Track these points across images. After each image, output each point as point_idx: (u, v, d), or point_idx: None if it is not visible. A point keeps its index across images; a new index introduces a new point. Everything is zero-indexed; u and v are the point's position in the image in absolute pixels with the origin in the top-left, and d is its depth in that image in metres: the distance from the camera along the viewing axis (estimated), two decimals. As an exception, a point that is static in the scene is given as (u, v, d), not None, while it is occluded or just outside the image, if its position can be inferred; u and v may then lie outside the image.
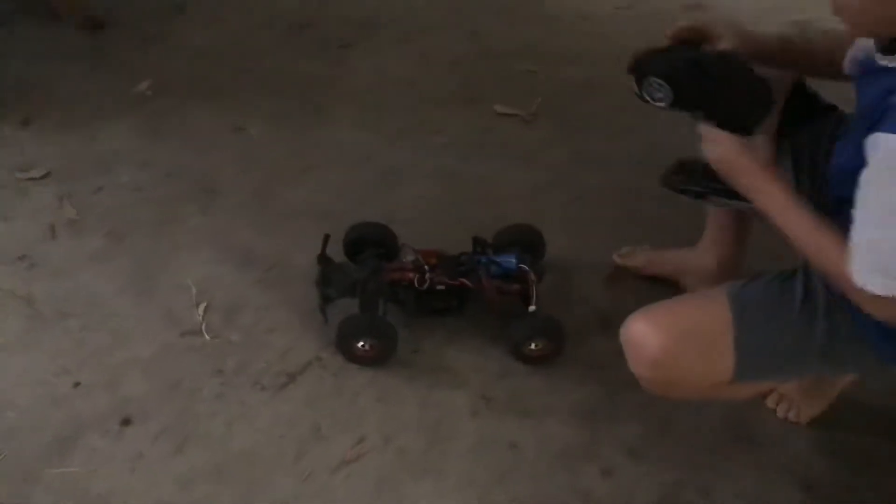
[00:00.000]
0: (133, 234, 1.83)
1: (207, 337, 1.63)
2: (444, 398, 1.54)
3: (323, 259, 1.64)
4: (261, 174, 2.03)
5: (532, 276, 1.62)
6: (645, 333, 1.23)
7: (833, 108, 1.41)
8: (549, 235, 1.76)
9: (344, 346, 1.58)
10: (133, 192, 1.93)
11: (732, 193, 1.22)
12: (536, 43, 2.57)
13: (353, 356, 1.58)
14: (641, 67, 1.26)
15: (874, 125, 1.01)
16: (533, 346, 1.58)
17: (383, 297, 1.62)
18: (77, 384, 1.52)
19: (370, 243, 1.70)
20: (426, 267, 1.60)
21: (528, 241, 1.73)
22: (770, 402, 1.53)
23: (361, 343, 1.56)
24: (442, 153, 2.15)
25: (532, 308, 1.60)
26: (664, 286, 1.72)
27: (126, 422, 1.47)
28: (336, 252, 1.68)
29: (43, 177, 1.94)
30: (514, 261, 1.63)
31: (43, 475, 1.38)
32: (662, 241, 1.79)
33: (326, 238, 1.67)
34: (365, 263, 1.65)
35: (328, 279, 1.62)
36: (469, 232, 1.72)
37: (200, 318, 1.66)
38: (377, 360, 1.59)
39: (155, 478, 1.40)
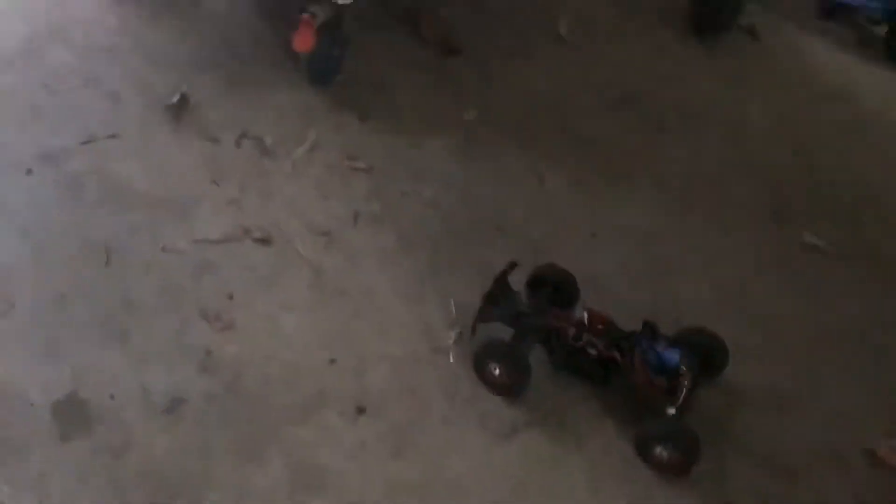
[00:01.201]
0: (422, 243, 1.96)
1: (452, 359, 1.71)
2: (659, 510, 1.49)
3: (500, 281, 1.71)
4: (546, 226, 2.09)
5: (686, 379, 1.55)
6: None
7: None
8: (824, 392, 1.63)
9: (479, 363, 1.64)
10: (432, 206, 2.07)
11: None
12: (871, 174, 2.40)
13: (483, 376, 1.63)
14: None
15: None
16: (658, 450, 1.52)
17: (538, 338, 1.66)
18: (333, 361, 1.66)
19: (551, 285, 1.76)
20: (587, 326, 1.61)
21: (708, 349, 1.66)
22: None
23: (495, 367, 1.61)
24: (729, 261, 2.08)
25: (671, 411, 1.53)
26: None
27: (361, 410, 1.59)
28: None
29: (365, 169, 2.15)
30: (675, 357, 1.58)
31: (281, 430, 1.52)
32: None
33: (512, 264, 1.74)
34: (536, 301, 1.71)
35: (496, 300, 1.68)
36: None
37: (452, 340, 1.74)
38: (505, 389, 1.62)
39: (369, 471, 1.50)
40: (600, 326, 1.65)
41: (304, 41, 2.24)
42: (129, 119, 2.14)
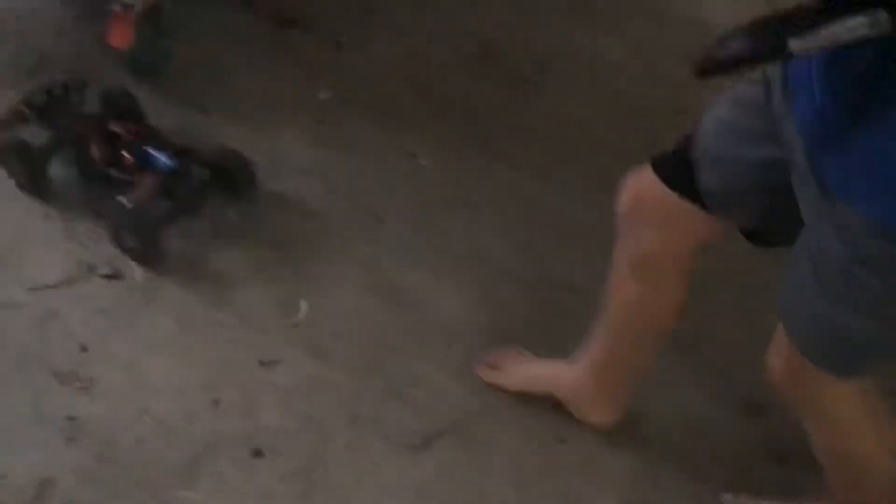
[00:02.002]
0: (295, 247, 1.79)
1: (348, 377, 1.58)
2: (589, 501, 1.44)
3: (56, 86, 1.78)
4: (424, 206, 1.97)
5: (151, 178, 1.67)
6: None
7: None
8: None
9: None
10: (296, 206, 1.90)
11: None
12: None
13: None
14: None
15: None
16: (126, 237, 1.64)
17: (64, 143, 1.73)
18: (216, 402, 1.50)
19: (117, 104, 1.84)
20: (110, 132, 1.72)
21: (228, 168, 1.81)
22: None
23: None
24: (607, 214, 2.03)
25: (126, 202, 1.63)
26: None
27: (257, 453, 1.44)
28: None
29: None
30: (164, 158, 1.69)
31: (168, 495, 1.36)
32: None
33: (73, 79, 1.81)
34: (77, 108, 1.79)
35: (42, 105, 1.74)
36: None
37: (344, 353, 1.61)
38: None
39: (278, 521, 1.36)
40: (122, 133, 1.72)
41: (121, 36, 1.97)
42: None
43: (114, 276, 1.65)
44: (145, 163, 1.70)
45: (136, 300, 1.63)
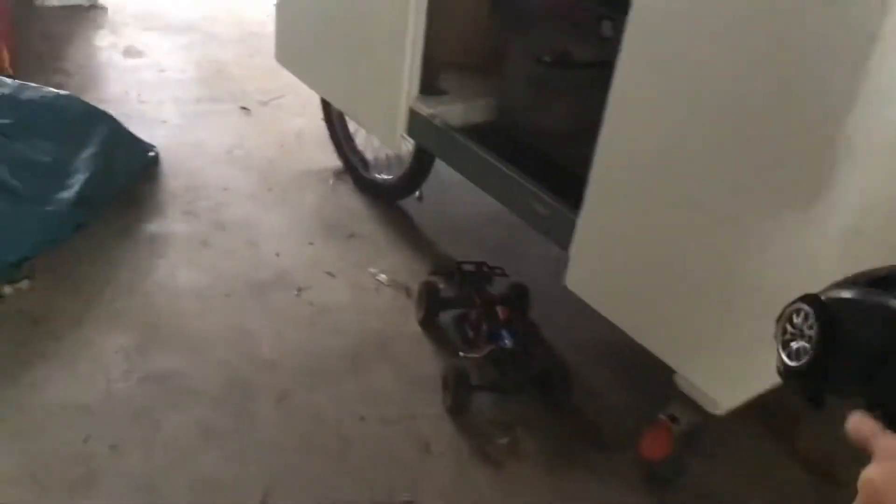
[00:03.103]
0: None
1: None
2: None
3: (483, 265, 2.24)
4: None
5: (490, 345, 2.00)
6: None
7: None
8: None
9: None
10: None
11: None
12: None
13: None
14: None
15: None
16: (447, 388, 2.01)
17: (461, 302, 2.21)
18: None
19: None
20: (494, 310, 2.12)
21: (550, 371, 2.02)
22: None
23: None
24: None
25: (461, 352, 2.06)
26: None
27: None
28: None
29: None
30: (506, 338, 2.02)
31: None
32: None
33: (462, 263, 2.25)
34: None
35: (466, 272, 2.22)
36: None
37: None
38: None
39: None
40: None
41: (657, 448, 1.85)
42: (433, 478, 1.85)
43: None
44: (495, 337, 2.01)
45: None
